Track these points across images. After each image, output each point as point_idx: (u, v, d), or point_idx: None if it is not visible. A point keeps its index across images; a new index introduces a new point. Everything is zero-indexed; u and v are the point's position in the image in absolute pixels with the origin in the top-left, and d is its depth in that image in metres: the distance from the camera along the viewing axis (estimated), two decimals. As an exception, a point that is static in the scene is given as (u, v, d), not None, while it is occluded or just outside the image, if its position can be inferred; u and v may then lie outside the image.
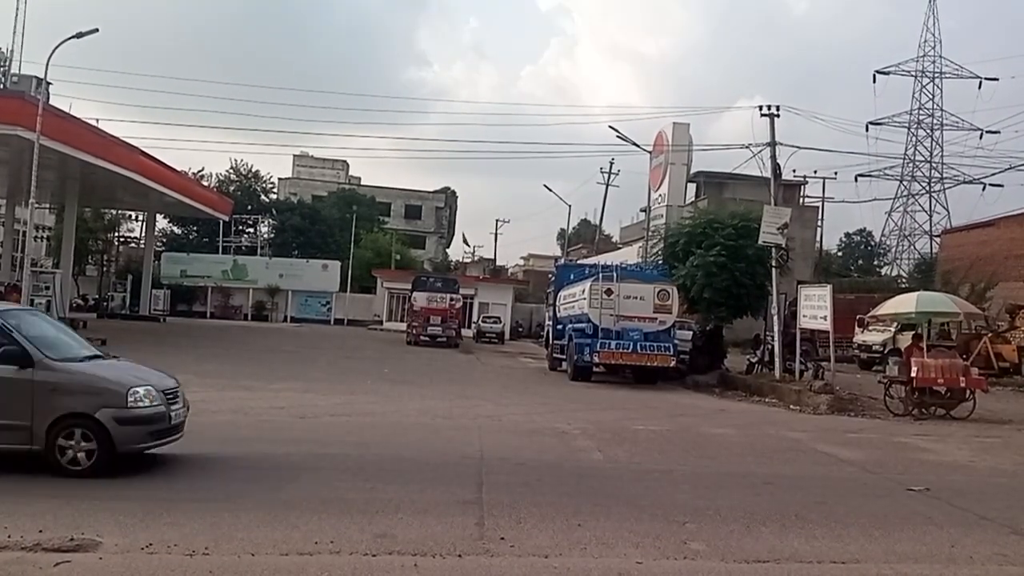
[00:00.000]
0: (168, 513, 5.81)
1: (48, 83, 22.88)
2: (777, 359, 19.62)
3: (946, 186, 58.26)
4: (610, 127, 48.36)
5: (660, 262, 25.26)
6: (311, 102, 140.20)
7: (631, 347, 19.64)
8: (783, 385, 18.18)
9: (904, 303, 17.14)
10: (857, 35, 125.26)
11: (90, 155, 24.85)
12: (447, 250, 75.18)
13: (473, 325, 43.47)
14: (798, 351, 19.23)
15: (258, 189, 62.80)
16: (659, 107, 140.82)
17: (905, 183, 61.52)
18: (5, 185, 30.86)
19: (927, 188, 61.22)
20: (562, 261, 40.30)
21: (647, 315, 20.05)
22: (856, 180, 54.00)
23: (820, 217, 44.14)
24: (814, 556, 5.59)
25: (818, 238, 44.81)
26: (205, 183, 52.95)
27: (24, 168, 22.03)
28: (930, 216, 61.03)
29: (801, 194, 42.77)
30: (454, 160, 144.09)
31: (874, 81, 61.21)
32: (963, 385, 14.88)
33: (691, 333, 23.93)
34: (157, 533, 5.31)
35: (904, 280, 50.53)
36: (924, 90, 62.26)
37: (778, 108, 21.76)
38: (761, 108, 21.85)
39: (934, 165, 60.81)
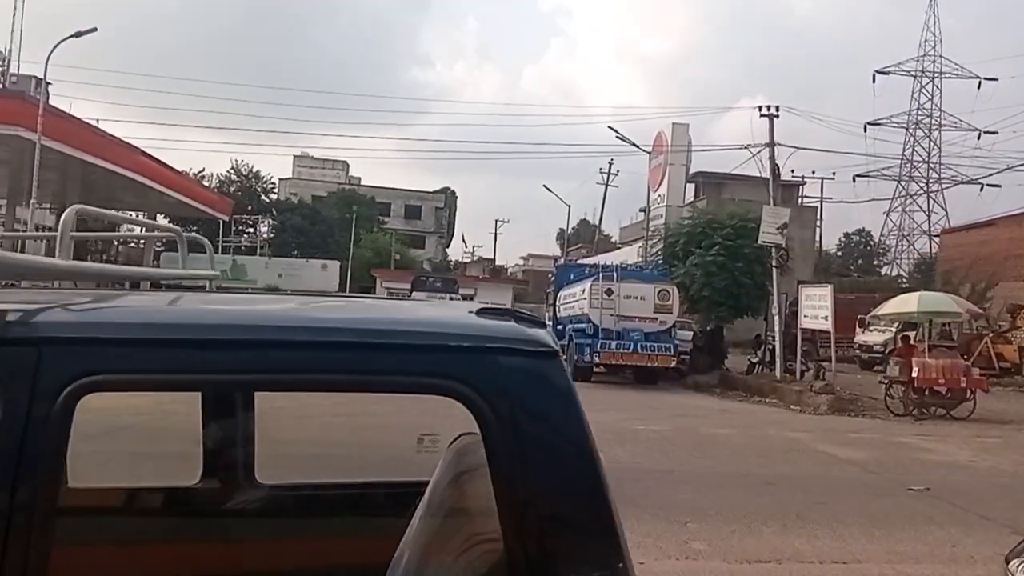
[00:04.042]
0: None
1: (48, 83, 22.86)
2: (778, 359, 19.63)
3: (944, 186, 58.31)
4: (609, 127, 48.23)
5: (660, 262, 25.28)
6: (312, 102, 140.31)
7: (631, 347, 19.62)
8: (784, 385, 18.18)
9: (906, 303, 17.14)
10: (859, 35, 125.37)
11: (90, 155, 24.85)
12: (447, 250, 75.21)
13: (473, 325, 43.45)
14: (799, 351, 19.23)
15: (258, 189, 62.81)
16: (660, 107, 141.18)
17: (903, 183, 61.57)
18: (5, 185, 30.83)
19: (925, 188, 61.25)
20: (562, 261, 40.31)
21: (647, 315, 20.04)
22: (854, 180, 54.03)
23: (819, 217, 44.23)
24: (816, 556, 5.59)
25: (817, 238, 44.90)
26: (205, 183, 52.98)
27: (24, 168, 22.01)
28: (928, 216, 61.05)
29: (800, 194, 42.78)
30: (455, 160, 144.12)
31: (874, 81, 61.27)
32: (964, 385, 14.88)
33: (691, 333, 23.94)
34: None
35: (904, 280, 50.56)
36: (923, 90, 62.28)
37: (777, 109, 21.82)
38: (760, 109, 21.90)
39: (932, 165, 60.84)
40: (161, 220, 51.41)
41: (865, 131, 56.34)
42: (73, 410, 1.26)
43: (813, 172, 42.06)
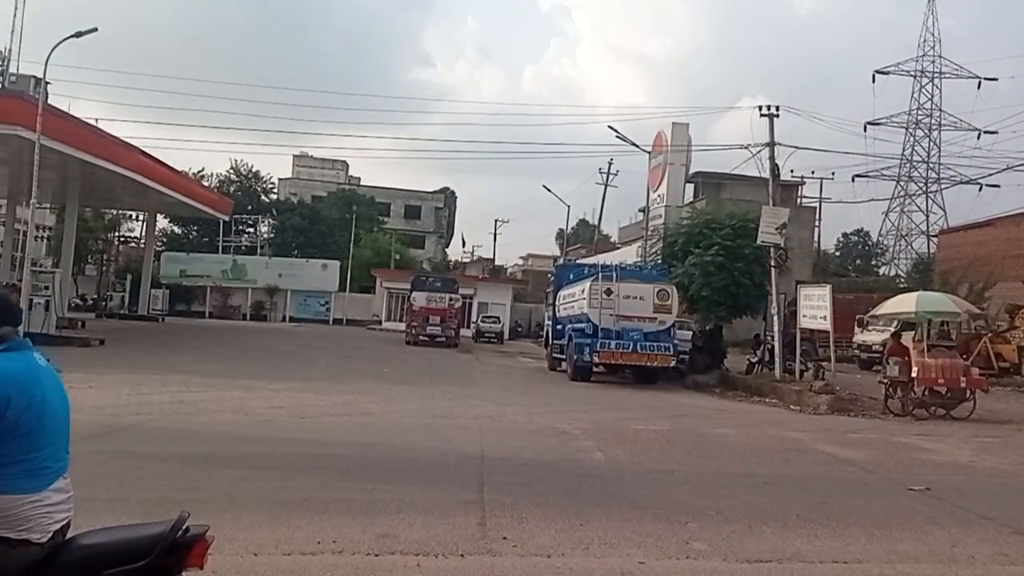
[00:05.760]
0: (170, 513, 5.78)
1: (47, 83, 22.82)
2: (777, 359, 19.63)
3: (943, 186, 58.35)
4: (609, 127, 48.58)
5: (659, 262, 25.29)
6: (313, 102, 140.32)
7: (631, 347, 19.63)
8: (783, 385, 18.19)
9: (904, 303, 17.15)
10: (860, 35, 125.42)
11: (90, 155, 24.81)
12: (446, 250, 75.22)
13: (472, 325, 43.44)
14: (798, 351, 19.23)
15: (258, 189, 62.80)
16: (661, 107, 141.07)
17: (902, 183, 61.61)
18: (5, 185, 30.82)
19: (924, 188, 61.29)
20: (561, 261, 40.33)
21: (647, 315, 20.04)
22: (853, 181, 54.09)
23: (818, 217, 44.25)
24: (816, 556, 5.60)
25: (816, 238, 44.89)
26: (205, 183, 52.93)
27: (24, 168, 21.99)
28: (927, 216, 61.13)
29: (799, 194, 42.81)
30: (455, 160, 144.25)
31: (873, 81, 61.32)
32: (963, 385, 14.89)
33: (691, 333, 23.95)
34: (159, 533, 5.29)
35: (903, 280, 50.59)
36: (923, 90, 62.37)
37: (777, 108, 21.80)
38: (760, 108, 21.88)
39: (931, 165, 60.89)
40: (161, 220, 51.61)
41: (865, 131, 56.48)
42: None
43: (812, 172, 42.18)
